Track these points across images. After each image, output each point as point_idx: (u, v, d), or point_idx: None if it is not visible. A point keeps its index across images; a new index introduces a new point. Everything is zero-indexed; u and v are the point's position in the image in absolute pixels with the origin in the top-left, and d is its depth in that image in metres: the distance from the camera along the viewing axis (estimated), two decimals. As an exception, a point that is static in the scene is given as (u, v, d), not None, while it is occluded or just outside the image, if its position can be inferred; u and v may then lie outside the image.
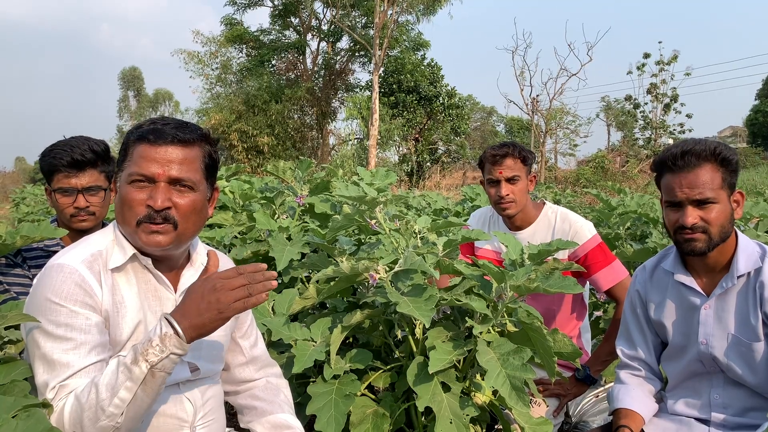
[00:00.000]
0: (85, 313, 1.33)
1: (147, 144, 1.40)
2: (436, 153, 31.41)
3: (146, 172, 1.38)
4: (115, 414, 1.22)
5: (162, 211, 1.38)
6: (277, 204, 3.12)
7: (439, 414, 1.69)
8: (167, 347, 1.23)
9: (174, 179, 1.40)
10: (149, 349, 1.23)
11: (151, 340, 1.24)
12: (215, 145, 1.52)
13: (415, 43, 29.59)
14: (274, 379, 1.78)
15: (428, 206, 6.85)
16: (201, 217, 1.47)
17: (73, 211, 2.12)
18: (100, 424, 1.22)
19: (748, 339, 1.75)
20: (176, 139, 1.40)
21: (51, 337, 1.30)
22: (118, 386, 1.22)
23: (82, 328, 1.32)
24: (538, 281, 1.76)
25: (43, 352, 1.30)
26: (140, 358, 1.23)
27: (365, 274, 1.86)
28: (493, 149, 2.61)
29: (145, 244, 1.40)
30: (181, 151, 1.41)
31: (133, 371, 1.22)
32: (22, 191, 13.41)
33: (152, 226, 1.38)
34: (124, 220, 1.41)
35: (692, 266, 1.87)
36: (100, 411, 1.21)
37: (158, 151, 1.39)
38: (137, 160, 1.39)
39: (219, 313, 1.25)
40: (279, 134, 26.65)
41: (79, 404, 1.24)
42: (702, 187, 1.70)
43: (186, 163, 1.41)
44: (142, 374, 1.22)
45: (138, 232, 1.39)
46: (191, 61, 28.65)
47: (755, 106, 40.16)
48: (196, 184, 1.43)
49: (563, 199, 10.74)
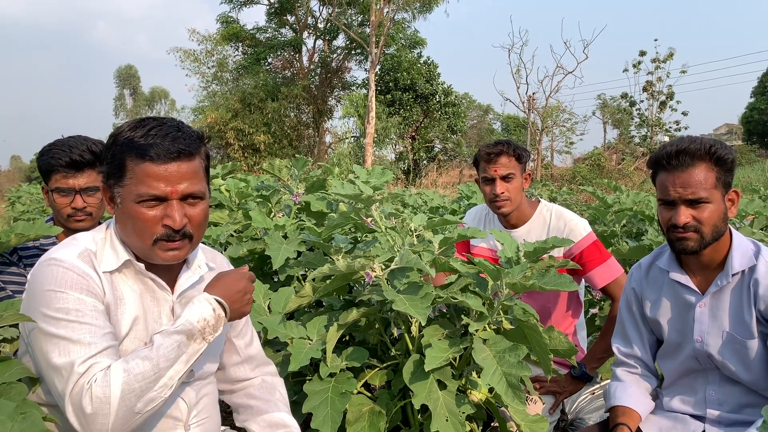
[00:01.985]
0: (91, 300, 1.32)
1: (150, 162, 1.35)
2: (432, 151, 31.38)
3: (157, 192, 1.35)
4: (167, 385, 1.28)
5: (181, 230, 1.38)
6: (273, 202, 3.12)
7: (435, 412, 1.69)
8: (219, 326, 1.39)
9: (186, 195, 1.39)
10: (206, 327, 1.36)
11: (207, 320, 1.36)
12: (208, 143, 1.51)
13: (411, 41, 29.57)
14: (269, 377, 1.77)
15: (424, 204, 6.85)
16: (208, 221, 1.50)
17: (70, 211, 2.11)
18: (150, 395, 1.26)
19: (743, 336, 1.76)
20: (181, 154, 1.37)
21: (63, 323, 1.27)
22: (173, 360, 1.29)
23: (93, 313, 1.31)
24: (534, 279, 1.77)
25: (60, 335, 1.26)
26: (198, 335, 1.34)
27: (361, 272, 1.86)
28: (488, 147, 2.61)
29: (162, 260, 1.41)
30: (187, 165, 1.39)
31: (192, 347, 1.32)
32: (17, 190, 13.36)
33: (170, 244, 1.39)
34: (138, 239, 1.39)
35: (687, 264, 1.87)
36: (153, 383, 1.26)
37: (166, 168, 1.35)
38: (143, 179, 1.35)
39: (244, 306, 1.49)
40: (275, 132, 26.59)
41: (128, 375, 1.23)
42: (695, 186, 1.70)
43: (193, 176, 1.40)
44: (199, 351, 1.35)
45: (155, 249, 1.39)
46: (187, 59, 28.55)
47: (751, 103, 40.22)
48: (204, 192, 1.44)
49: (559, 196, 10.75)
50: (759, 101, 39.03)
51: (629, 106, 34.85)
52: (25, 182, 21.96)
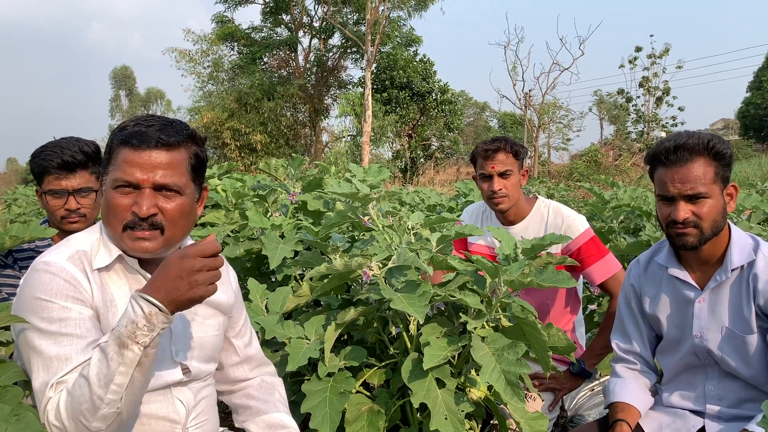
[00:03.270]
0: (76, 307, 1.31)
1: (130, 148, 1.36)
2: (429, 149, 31.40)
3: (130, 178, 1.35)
4: (114, 400, 1.20)
5: (148, 219, 1.36)
6: (270, 202, 3.11)
7: (434, 410, 1.69)
8: (156, 325, 1.21)
9: (159, 185, 1.37)
10: (136, 331, 1.20)
11: (135, 322, 1.20)
12: (202, 144, 1.48)
13: (407, 39, 29.59)
14: (268, 377, 1.77)
15: (422, 202, 6.84)
16: (189, 219, 1.45)
17: (64, 213, 2.10)
18: (102, 412, 1.20)
19: (742, 332, 1.76)
20: (160, 143, 1.36)
21: (45, 334, 1.28)
22: (111, 373, 1.19)
23: (76, 322, 1.30)
24: (532, 276, 1.76)
25: (40, 350, 1.27)
26: (129, 341, 1.19)
27: (359, 270, 1.85)
28: (485, 144, 2.60)
29: (131, 249, 1.39)
30: (165, 155, 1.37)
31: (126, 355, 1.20)
32: (13, 192, 13.31)
33: (138, 233, 1.36)
34: (109, 225, 1.39)
35: (686, 260, 1.87)
36: (98, 400, 1.19)
37: (142, 156, 1.35)
38: (121, 165, 1.36)
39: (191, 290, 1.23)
40: (272, 132, 26.57)
41: (72, 398, 1.22)
42: (694, 181, 1.69)
43: (171, 167, 1.38)
44: (137, 357, 1.20)
45: (124, 237, 1.37)
46: (182, 60, 28.51)
47: (747, 98, 40.32)
48: (183, 187, 1.40)
49: (557, 193, 10.75)
50: (755, 96, 39.11)
51: (625, 101, 34.92)
52: (21, 184, 21.90)
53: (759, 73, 39.50)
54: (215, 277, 1.26)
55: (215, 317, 1.58)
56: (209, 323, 1.56)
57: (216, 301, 1.57)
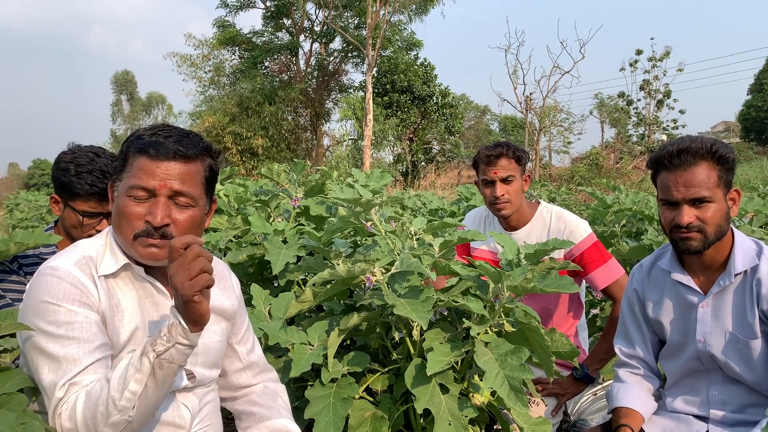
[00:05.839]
0: (83, 311, 1.32)
1: (147, 158, 1.37)
2: (430, 152, 31.41)
3: (146, 184, 1.36)
4: (126, 408, 1.22)
5: (160, 228, 1.37)
6: (272, 207, 3.11)
7: (437, 416, 1.69)
8: (173, 336, 1.24)
9: (175, 192, 1.38)
10: (157, 339, 1.24)
11: (161, 331, 1.25)
12: (217, 158, 1.50)
13: (407, 43, 29.62)
14: (271, 384, 1.77)
15: (423, 206, 6.84)
16: (198, 232, 1.46)
17: (93, 232, 2.09)
18: (113, 419, 1.21)
19: (746, 336, 1.75)
20: (178, 154, 1.38)
21: (53, 337, 1.29)
22: (128, 379, 1.22)
23: (83, 325, 1.31)
24: (535, 281, 1.76)
25: (48, 352, 1.28)
26: (149, 348, 1.23)
27: (362, 276, 1.85)
28: (487, 149, 2.60)
29: (141, 256, 1.39)
30: (182, 166, 1.39)
31: (143, 363, 1.23)
32: (15, 197, 13.31)
33: (149, 240, 1.37)
34: (120, 232, 1.40)
35: (689, 264, 1.87)
36: (112, 405, 1.21)
37: (160, 166, 1.37)
38: (137, 172, 1.37)
39: (191, 294, 1.21)
40: (273, 136, 26.58)
41: (90, 400, 1.23)
42: (698, 186, 1.69)
43: (187, 178, 1.40)
44: (150, 365, 1.23)
45: (135, 245, 1.38)
46: (184, 64, 28.55)
47: (747, 101, 40.33)
48: (197, 199, 1.42)
49: (558, 197, 10.75)
50: (756, 98, 39.13)
51: (626, 104, 34.89)
52: (23, 189, 21.91)
53: (760, 75, 39.53)
54: (205, 260, 1.23)
55: (219, 323, 1.59)
56: (213, 329, 1.56)
57: (220, 307, 1.57)
